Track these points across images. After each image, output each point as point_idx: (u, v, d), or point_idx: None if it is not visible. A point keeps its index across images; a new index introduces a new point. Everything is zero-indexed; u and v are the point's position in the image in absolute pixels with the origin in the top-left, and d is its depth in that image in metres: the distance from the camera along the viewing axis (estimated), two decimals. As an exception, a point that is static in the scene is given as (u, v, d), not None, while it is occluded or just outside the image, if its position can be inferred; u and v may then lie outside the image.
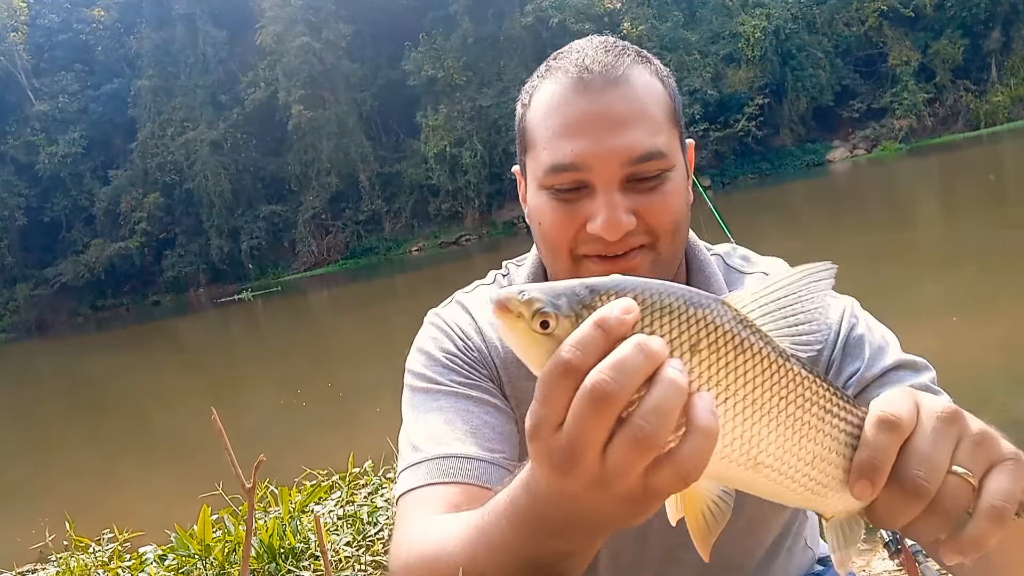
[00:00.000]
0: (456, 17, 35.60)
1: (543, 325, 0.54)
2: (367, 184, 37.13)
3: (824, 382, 0.58)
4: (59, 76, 40.59)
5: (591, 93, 0.90)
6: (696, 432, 0.51)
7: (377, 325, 15.80)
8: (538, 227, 0.97)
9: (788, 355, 0.57)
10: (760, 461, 0.56)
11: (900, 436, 0.56)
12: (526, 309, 0.54)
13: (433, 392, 1.00)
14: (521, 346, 0.56)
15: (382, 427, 5.44)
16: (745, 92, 33.68)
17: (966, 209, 14.57)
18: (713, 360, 0.54)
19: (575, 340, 0.52)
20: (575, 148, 0.89)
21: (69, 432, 12.14)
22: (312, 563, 3.23)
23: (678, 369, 0.52)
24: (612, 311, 0.52)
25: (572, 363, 0.52)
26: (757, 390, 0.55)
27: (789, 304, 0.58)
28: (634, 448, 0.51)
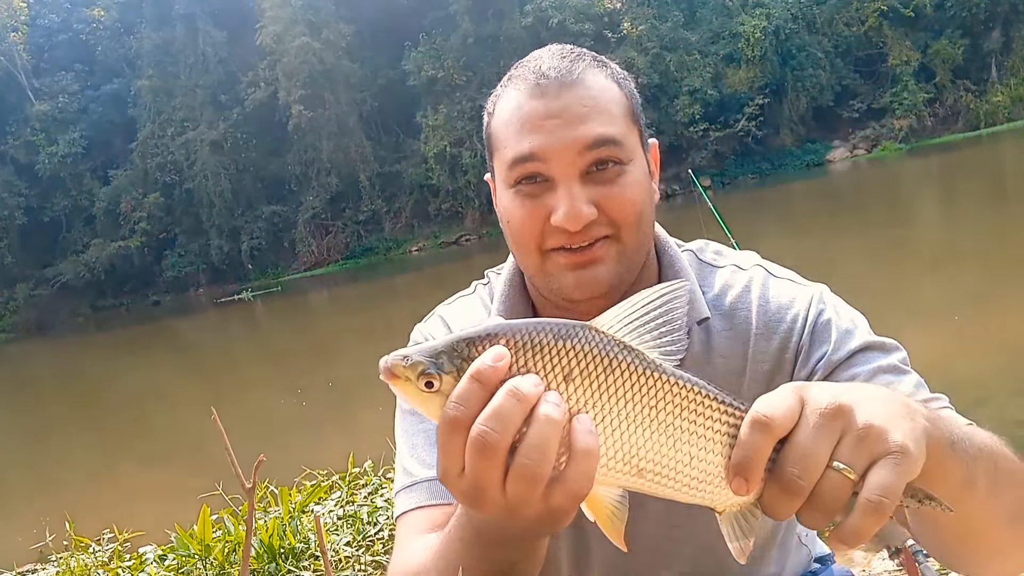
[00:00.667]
0: (456, 17, 35.59)
1: (428, 385, 0.60)
2: (367, 184, 37.12)
3: (695, 386, 0.62)
4: (59, 76, 40.57)
5: (547, 96, 0.95)
6: (577, 455, 0.59)
7: (377, 325, 15.80)
8: (507, 225, 1.01)
9: (656, 366, 0.61)
10: (642, 468, 0.61)
11: (772, 435, 0.59)
12: (411, 373, 0.60)
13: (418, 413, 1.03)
14: (415, 404, 0.62)
15: (382, 427, 5.43)
16: (745, 92, 33.67)
17: (966, 209, 14.57)
18: (586, 384, 0.60)
19: (456, 396, 0.59)
20: (532, 142, 0.94)
21: (69, 432, 12.14)
22: (312, 563, 3.23)
23: (553, 403, 0.58)
24: (485, 361, 0.59)
25: (458, 418, 0.59)
26: (630, 404, 0.61)
27: (652, 319, 0.63)
28: (525, 482, 0.59)
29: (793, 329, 1.00)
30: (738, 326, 1.03)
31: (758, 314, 1.03)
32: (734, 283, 1.06)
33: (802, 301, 1.02)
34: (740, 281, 1.06)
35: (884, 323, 1.05)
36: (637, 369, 0.61)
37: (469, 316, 1.12)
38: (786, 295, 1.03)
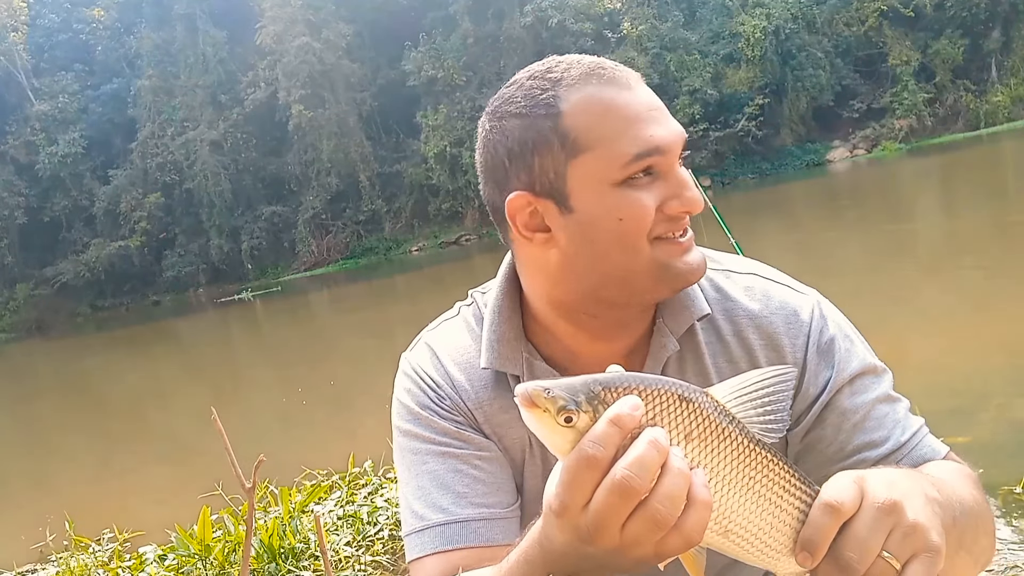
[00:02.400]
0: (456, 17, 35.58)
1: (566, 420, 0.65)
2: (367, 184, 37.11)
3: (785, 465, 0.69)
4: (59, 76, 40.55)
5: (632, 88, 0.95)
6: (697, 505, 0.64)
7: (377, 325, 15.80)
8: (620, 223, 0.94)
9: (757, 440, 0.69)
10: (729, 529, 0.68)
11: (839, 520, 0.67)
12: (552, 405, 0.65)
13: (421, 454, 1.05)
14: (547, 436, 0.67)
15: (382, 427, 5.41)
16: (745, 92, 33.66)
17: (966, 209, 14.57)
18: (702, 447, 0.67)
19: (596, 436, 0.64)
20: (654, 133, 0.93)
21: (69, 432, 12.14)
22: (312, 563, 3.23)
23: (681, 458, 0.65)
24: (623, 408, 0.64)
25: (595, 457, 0.64)
26: (732, 471, 0.67)
27: (761, 396, 0.70)
28: (651, 527, 0.64)
29: (796, 344, 1.02)
30: (741, 332, 1.03)
31: (759, 324, 1.03)
32: (732, 287, 1.06)
33: (804, 313, 1.03)
34: (739, 286, 1.06)
35: (884, 323, 1.06)
36: (743, 441, 0.68)
37: (455, 341, 1.10)
38: (788, 305, 1.04)
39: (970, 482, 0.92)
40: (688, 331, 1.03)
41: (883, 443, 0.97)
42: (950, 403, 4.62)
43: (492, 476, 1.03)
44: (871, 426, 0.98)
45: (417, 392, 1.08)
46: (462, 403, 1.06)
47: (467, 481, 1.02)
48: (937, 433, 1.02)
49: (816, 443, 1.00)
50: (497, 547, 0.96)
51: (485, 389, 1.06)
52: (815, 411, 1.00)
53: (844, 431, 0.99)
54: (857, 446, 0.97)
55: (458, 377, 1.07)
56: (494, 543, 0.98)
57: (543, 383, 0.66)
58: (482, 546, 0.98)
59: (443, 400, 1.06)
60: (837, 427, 0.99)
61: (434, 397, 1.06)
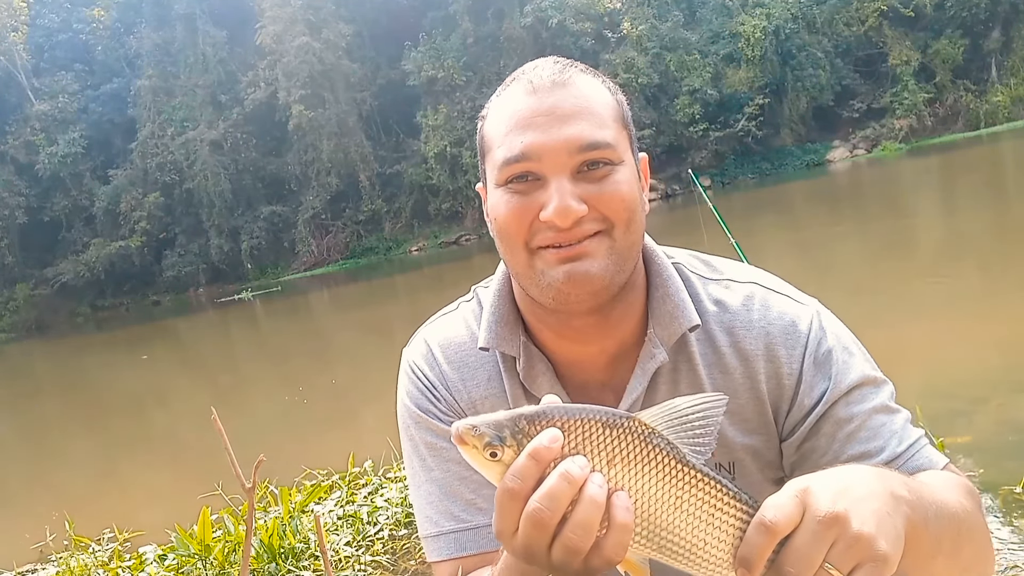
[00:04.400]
0: (456, 17, 35.58)
1: (492, 455, 0.70)
2: (367, 184, 37.11)
3: (717, 483, 0.72)
4: (59, 76, 40.54)
5: (539, 94, 0.96)
6: (615, 528, 0.69)
7: (377, 325, 15.81)
8: (494, 223, 1.01)
9: (685, 460, 0.72)
10: (664, 545, 0.72)
11: (773, 538, 0.68)
12: (478, 442, 0.70)
13: (427, 460, 1.09)
14: (479, 468, 0.72)
15: (382, 427, 5.43)
16: (745, 92, 33.66)
17: (966, 209, 14.57)
18: (626, 469, 0.71)
19: (515, 470, 0.69)
20: (524, 140, 0.94)
21: (69, 432, 12.14)
22: (312, 563, 3.23)
23: (598, 486, 0.68)
24: (541, 442, 0.68)
25: (515, 490, 0.69)
26: (660, 491, 0.71)
27: (690, 420, 0.73)
28: (569, 551, 0.69)
29: (793, 355, 1.01)
30: (739, 343, 1.03)
31: (758, 334, 1.02)
32: (732, 298, 1.05)
33: (803, 324, 1.02)
34: (739, 296, 1.05)
35: (884, 322, 1.05)
36: (669, 461, 0.71)
37: (451, 336, 1.12)
38: (787, 316, 1.03)
39: (962, 492, 0.92)
40: (681, 341, 1.03)
41: (878, 453, 0.97)
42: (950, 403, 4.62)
43: None
44: (866, 436, 0.97)
45: (415, 394, 1.10)
46: (456, 404, 1.08)
47: (473, 486, 1.05)
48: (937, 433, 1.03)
49: (811, 453, 1.00)
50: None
51: (477, 387, 1.08)
52: (810, 422, 0.99)
53: (838, 441, 0.98)
54: (851, 456, 0.97)
55: (452, 376, 1.08)
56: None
57: (473, 420, 0.71)
58: (494, 550, 1.02)
59: (439, 402, 1.09)
60: (831, 437, 0.99)
61: (431, 399, 1.09)
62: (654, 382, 1.02)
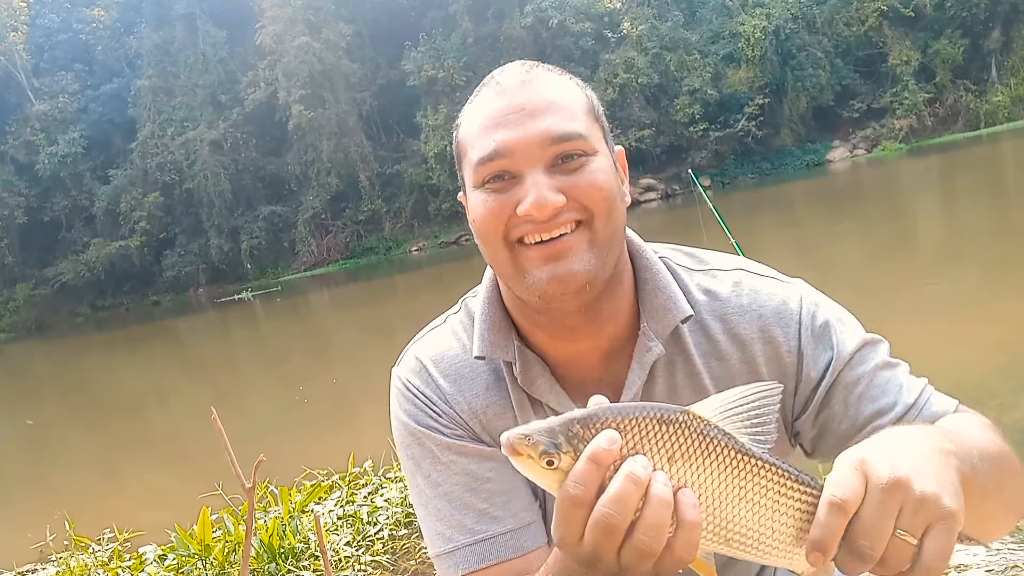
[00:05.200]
0: (456, 17, 35.58)
1: (548, 463, 0.68)
2: (367, 184, 37.12)
3: (780, 468, 0.70)
4: (59, 76, 40.55)
5: (507, 95, 0.97)
6: (685, 527, 0.67)
7: (377, 325, 15.81)
8: (474, 225, 1.01)
9: (746, 450, 0.70)
10: (731, 538, 0.70)
11: (846, 515, 0.67)
12: (533, 452, 0.68)
13: (432, 475, 1.06)
14: (536, 479, 0.70)
15: (382, 427, 5.40)
16: (745, 92, 33.66)
17: (966, 209, 14.57)
18: (687, 465, 0.69)
19: (577, 476, 0.67)
20: (496, 139, 0.95)
21: (69, 432, 12.14)
22: (312, 563, 3.23)
23: (663, 484, 0.67)
24: (600, 444, 0.67)
25: (578, 496, 0.67)
26: (723, 483, 0.69)
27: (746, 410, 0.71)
28: (640, 555, 0.68)
29: (789, 333, 1.02)
30: (732, 329, 1.03)
31: (751, 318, 1.03)
32: (720, 286, 1.06)
33: (793, 302, 1.04)
34: (727, 283, 1.06)
35: (884, 322, 1.05)
36: (730, 452, 0.69)
37: (443, 349, 1.10)
38: (776, 297, 1.04)
39: (988, 430, 0.93)
40: (675, 333, 1.03)
41: (891, 408, 0.98)
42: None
43: (506, 483, 1.03)
44: (875, 394, 0.99)
45: (413, 410, 1.07)
46: (457, 416, 1.06)
47: (484, 495, 1.03)
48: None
49: (828, 423, 1.01)
50: (529, 554, 1.00)
51: (477, 397, 1.06)
52: (820, 393, 1.01)
53: (851, 404, 1.00)
54: (868, 416, 0.98)
55: (449, 389, 1.07)
56: (525, 551, 1.01)
57: (525, 429, 0.68)
58: (514, 557, 1.01)
59: (440, 416, 1.06)
60: (844, 402, 1.00)
61: (430, 414, 1.06)
62: (651, 375, 1.03)
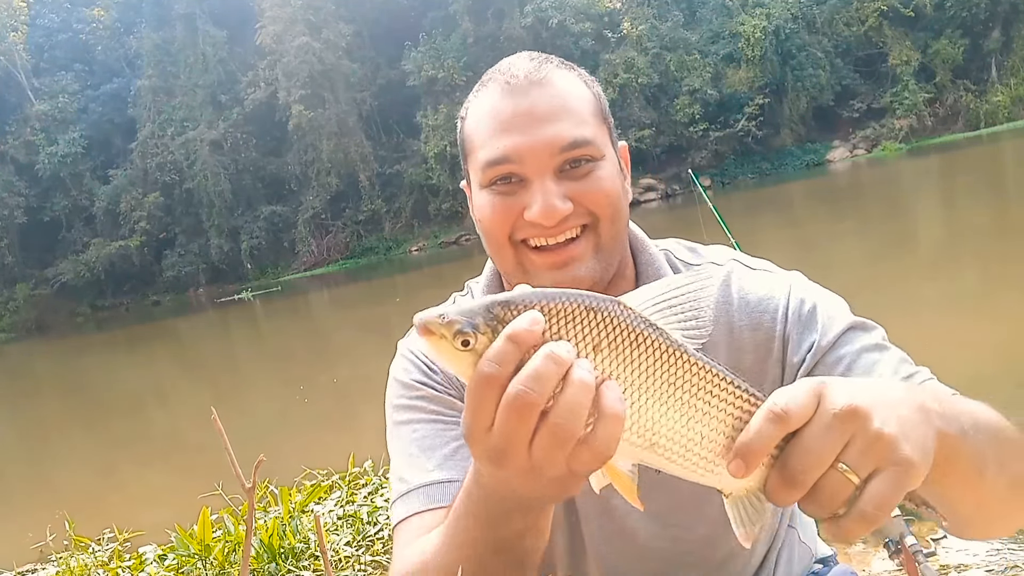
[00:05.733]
0: (456, 17, 35.59)
1: (464, 344, 0.61)
2: (367, 184, 37.13)
3: (714, 369, 0.63)
4: (59, 76, 40.57)
5: (517, 95, 0.97)
6: (606, 418, 0.60)
7: (377, 325, 15.80)
8: (480, 224, 1.03)
9: (680, 346, 0.63)
10: (655, 442, 0.63)
11: (783, 427, 0.60)
12: (447, 330, 0.61)
13: (412, 423, 1.07)
14: (447, 362, 0.63)
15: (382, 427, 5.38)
16: (745, 92, 33.67)
17: (966, 208, 14.57)
18: (613, 356, 0.62)
19: (492, 354, 0.60)
20: (507, 143, 0.96)
21: (69, 432, 12.14)
22: (312, 563, 3.23)
23: (586, 370, 0.60)
24: (521, 324, 0.60)
25: (493, 376, 0.61)
26: (652, 379, 0.62)
27: (680, 302, 0.65)
28: (555, 442, 0.61)
29: (776, 319, 1.02)
30: (720, 318, 1.04)
31: (740, 307, 1.04)
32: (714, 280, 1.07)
33: (782, 290, 1.04)
34: (719, 276, 1.07)
35: (884, 321, 1.04)
36: (661, 346, 0.63)
37: None
38: (765, 286, 1.05)
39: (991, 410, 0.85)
40: None
41: None
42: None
43: None
44: (858, 375, 0.94)
45: (411, 368, 1.10)
46: (456, 379, 1.07)
47: (454, 446, 1.03)
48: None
49: None
50: None
51: None
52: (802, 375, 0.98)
53: None
54: None
55: None
56: None
57: (440, 309, 0.63)
58: None
59: (436, 374, 1.09)
60: None
61: (427, 372, 1.09)
62: None
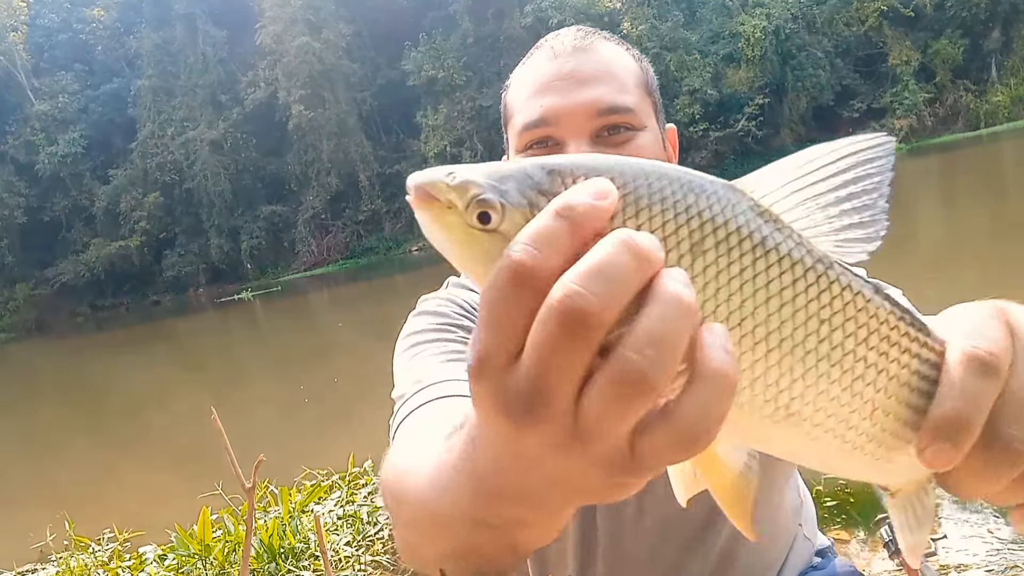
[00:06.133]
0: (456, 17, 35.60)
1: (483, 218, 0.37)
2: (367, 184, 37.14)
3: (883, 299, 0.40)
4: (59, 76, 40.59)
5: (560, 59, 0.94)
6: (705, 379, 0.34)
7: (377, 325, 15.80)
8: None
9: (830, 262, 0.39)
10: (794, 411, 0.38)
11: (999, 382, 0.39)
12: (458, 197, 0.37)
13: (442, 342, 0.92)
14: (454, 247, 0.39)
15: (383, 427, 5.37)
16: (745, 92, 33.68)
17: (966, 209, 14.57)
18: (723, 267, 0.37)
19: (531, 235, 0.35)
20: (543, 104, 0.93)
21: (69, 432, 12.14)
22: (312, 563, 3.23)
23: (682, 282, 0.34)
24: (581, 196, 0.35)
25: (529, 267, 0.34)
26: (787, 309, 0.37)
27: (833, 192, 0.40)
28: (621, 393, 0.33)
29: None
30: None
31: None
32: None
33: None
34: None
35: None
36: (803, 261, 0.38)
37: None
38: None
39: None
40: None
41: None
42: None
43: None
44: None
45: (448, 305, 1.00)
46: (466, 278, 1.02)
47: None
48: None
49: None
50: None
51: None
52: None
53: None
54: None
55: None
56: None
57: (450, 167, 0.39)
58: None
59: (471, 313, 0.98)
60: None
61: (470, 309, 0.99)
62: None
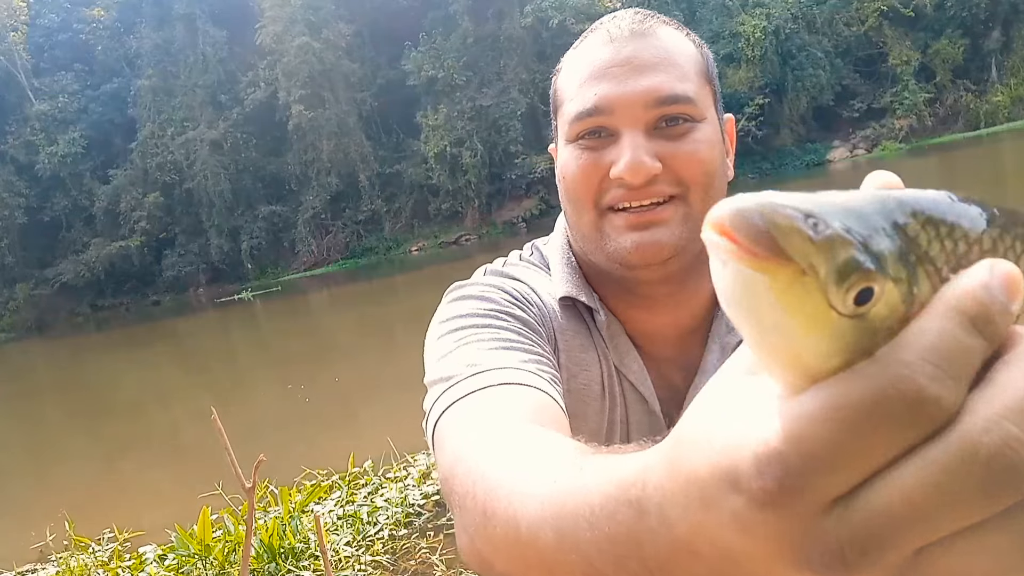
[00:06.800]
0: (456, 17, 35.59)
1: (860, 298, 0.26)
2: (367, 184, 37.13)
3: None
4: (59, 76, 40.57)
5: (616, 44, 0.89)
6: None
7: (377, 325, 15.81)
8: (562, 182, 0.92)
9: None
10: None
11: None
12: (824, 259, 0.25)
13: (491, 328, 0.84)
14: (794, 329, 0.26)
15: (382, 427, 5.43)
16: (745, 92, 33.67)
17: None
18: None
19: (943, 356, 0.25)
20: (598, 92, 0.87)
21: (69, 432, 12.14)
22: (312, 563, 3.23)
23: None
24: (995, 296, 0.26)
25: (935, 400, 0.25)
26: None
27: None
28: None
29: None
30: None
31: None
32: None
33: None
34: None
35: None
36: None
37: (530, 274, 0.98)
38: None
39: None
40: None
41: None
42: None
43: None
44: None
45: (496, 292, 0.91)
46: (548, 320, 0.93)
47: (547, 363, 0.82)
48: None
49: None
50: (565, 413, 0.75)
51: (568, 320, 0.94)
52: None
53: None
54: None
55: (547, 299, 0.95)
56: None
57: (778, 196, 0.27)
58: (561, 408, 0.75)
59: (530, 306, 0.92)
60: None
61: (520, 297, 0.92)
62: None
